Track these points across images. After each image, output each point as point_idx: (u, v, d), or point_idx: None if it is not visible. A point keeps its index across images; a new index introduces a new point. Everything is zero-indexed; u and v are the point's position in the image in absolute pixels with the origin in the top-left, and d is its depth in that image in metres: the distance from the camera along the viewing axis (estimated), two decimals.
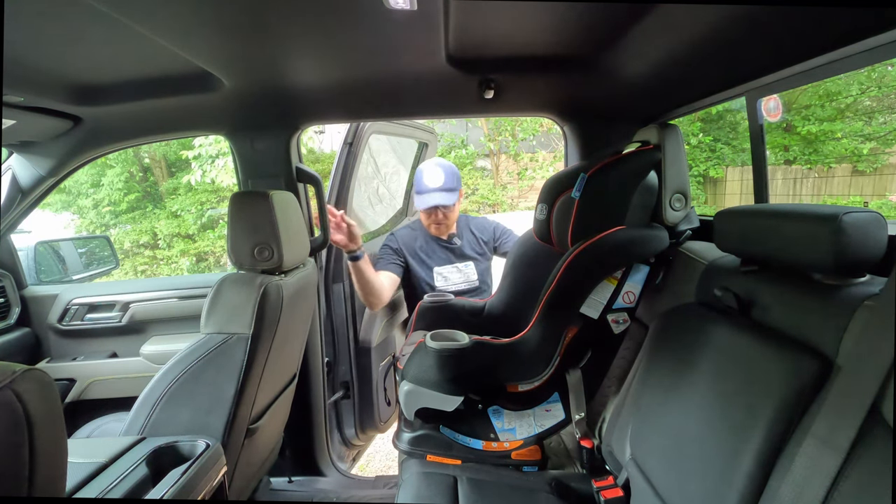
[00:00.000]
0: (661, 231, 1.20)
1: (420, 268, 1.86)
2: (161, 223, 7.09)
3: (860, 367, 0.60)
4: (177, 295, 1.72)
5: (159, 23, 0.87)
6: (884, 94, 5.58)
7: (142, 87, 1.22)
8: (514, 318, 1.58)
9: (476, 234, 1.95)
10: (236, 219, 1.20)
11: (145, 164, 7.64)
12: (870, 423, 0.56)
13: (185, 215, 6.99)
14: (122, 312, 1.70)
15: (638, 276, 1.23)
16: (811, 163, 5.98)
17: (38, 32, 0.89)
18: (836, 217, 0.69)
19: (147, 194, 7.59)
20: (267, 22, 0.91)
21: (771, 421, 0.70)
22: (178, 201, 7.01)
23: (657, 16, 0.86)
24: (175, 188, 7.22)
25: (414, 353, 1.23)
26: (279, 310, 1.19)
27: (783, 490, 0.63)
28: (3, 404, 0.45)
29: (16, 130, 1.29)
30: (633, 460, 1.03)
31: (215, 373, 1.09)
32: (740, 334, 0.85)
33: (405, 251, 1.87)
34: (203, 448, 0.97)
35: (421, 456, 1.24)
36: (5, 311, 1.61)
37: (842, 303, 0.70)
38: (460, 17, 0.93)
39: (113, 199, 7.16)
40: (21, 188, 1.51)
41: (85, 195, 7.23)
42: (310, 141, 6.17)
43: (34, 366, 0.50)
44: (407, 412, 1.23)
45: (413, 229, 1.93)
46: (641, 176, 1.19)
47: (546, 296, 1.20)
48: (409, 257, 1.87)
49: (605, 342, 1.28)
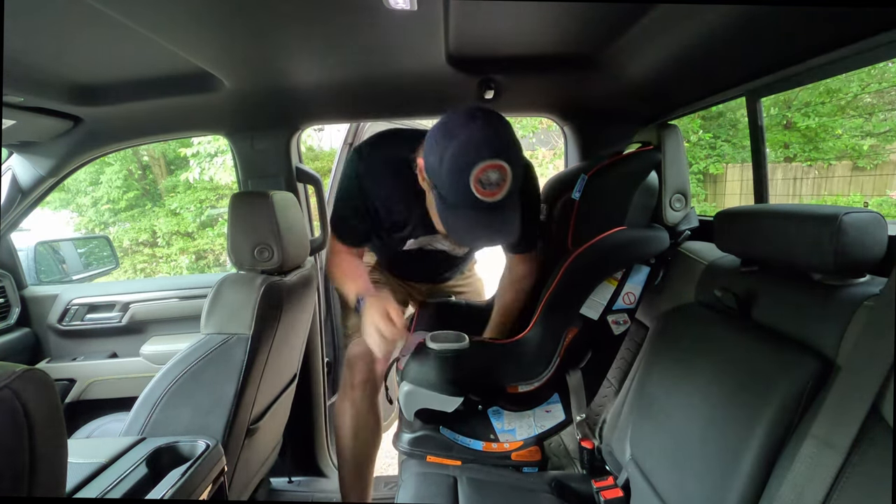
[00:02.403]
0: (662, 231, 1.20)
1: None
2: (160, 221, 7.07)
3: (860, 367, 0.60)
4: (177, 295, 1.72)
5: (159, 23, 0.87)
6: (884, 90, 5.58)
7: (142, 87, 1.22)
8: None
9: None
10: (236, 219, 1.20)
11: (144, 162, 7.63)
12: (870, 423, 0.56)
13: (184, 213, 6.98)
14: (122, 312, 1.70)
15: (638, 276, 1.23)
16: (811, 160, 5.98)
17: (38, 32, 0.89)
18: (836, 217, 0.69)
19: (146, 192, 7.57)
20: (267, 22, 0.91)
21: (771, 421, 0.70)
22: (178, 199, 7.00)
23: (657, 16, 0.86)
24: (174, 186, 7.21)
25: (414, 353, 1.23)
26: (279, 310, 1.19)
27: (783, 490, 0.63)
28: (3, 404, 0.45)
29: (16, 130, 1.29)
30: (633, 460, 1.03)
31: (215, 373, 1.09)
32: (740, 335, 0.85)
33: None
34: (203, 448, 0.97)
35: (421, 457, 1.24)
36: (5, 311, 1.60)
37: (842, 303, 0.70)
38: (460, 18, 0.93)
39: (112, 196, 7.14)
40: (21, 188, 1.51)
41: (84, 193, 7.21)
42: (309, 139, 6.16)
43: (34, 366, 0.50)
44: (407, 413, 1.23)
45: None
46: (642, 177, 1.19)
47: (546, 296, 1.20)
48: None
49: (605, 343, 1.28)
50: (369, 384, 1.35)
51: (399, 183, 1.15)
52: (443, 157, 0.94)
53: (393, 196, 1.19)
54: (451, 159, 0.93)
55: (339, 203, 1.24)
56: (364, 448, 1.40)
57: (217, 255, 7.07)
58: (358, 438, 1.37)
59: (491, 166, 0.92)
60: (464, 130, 0.94)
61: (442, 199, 0.99)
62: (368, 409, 1.37)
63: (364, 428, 1.37)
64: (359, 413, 1.36)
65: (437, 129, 0.99)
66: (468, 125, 0.94)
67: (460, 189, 0.94)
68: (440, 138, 0.97)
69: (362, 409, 1.36)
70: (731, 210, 0.99)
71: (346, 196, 1.21)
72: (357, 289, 1.18)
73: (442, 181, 0.96)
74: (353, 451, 1.38)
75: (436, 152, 0.96)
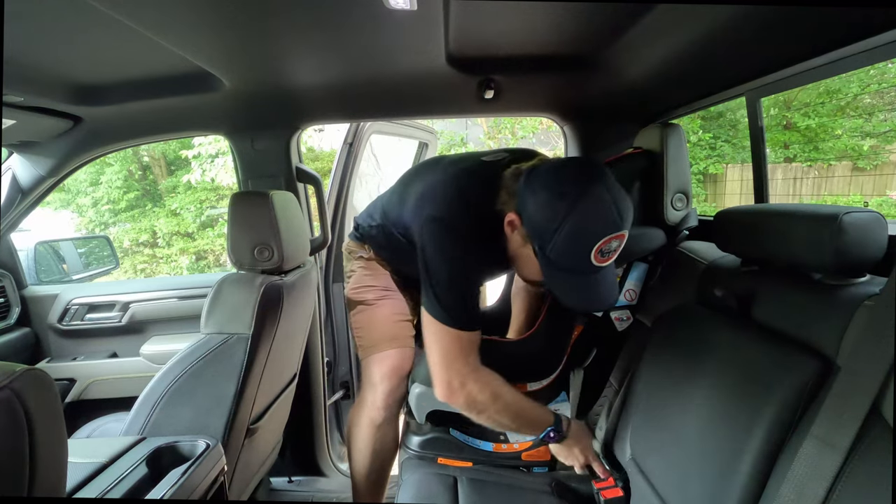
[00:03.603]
0: (656, 230, 1.23)
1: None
2: (160, 221, 7.07)
3: (860, 367, 0.60)
4: (177, 295, 1.72)
5: (159, 23, 0.87)
6: (884, 90, 5.58)
7: (142, 87, 1.22)
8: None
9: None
10: (236, 219, 1.20)
11: (144, 163, 7.63)
12: (870, 423, 0.57)
13: (184, 214, 6.98)
14: (122, 312, 1.70)
15: (637, 272, 1.27)
16: (811, 160, 5.98)
17: (38, 32, 0.89)
18: (836, 217, 0.69)
19: (146, 193, 7.57)
20: (267, 22, 0.91)
21: (771, 421, 0.70)
22: (178, 199, 7.00)
23: (657, 16, 0.86)
24: (174, 186, 7.21)
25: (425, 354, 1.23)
26: (279, 310, 1.19)
27: (783, 490, 0.63)
28: (3, 404, 0.45)
29: (16, 130, 1.29)
30: (633, 460, 1.03)
31: (215, 373, 1.09)
32: (740, 334, 0.85)
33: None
34: (203, 448, 0.97)
35: (432, 459, 1.24)
36: (5, 311, 1.60)
37: (842, 303, 0.70)
38: (460, 17, 0.92)
39: (112, 197, 7.14)
40: (21, 188, 1.51)
41: (84, 193, 7.21)
42: (309, 139, 6.16)
43: (34, 366, 0.50)
44: (418, 415, 1.22)
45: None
46: (635, 179, 1.23)
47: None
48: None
49: (608, 341, 1.29)
50: (395, 405, 1.29)
51: (494, 241, 1.04)
52: (560, 223, 0.88)
53: (489, 257, 1.09)
54: (574, 229, 0.88)
55: (455, 291, 1.02)
56: (383, 464, 1.34)
57: (217, 255, 7.06)
58: (377, 457, 1.31)
59: (616, 237, 0.90)
60: (587, 198, 0.88)
61: (548, 259, 0.93)
62: (389, 426, 1.31)
63: (383, 447, 1.31)
64: (382, 434, 1.30)
65: (541, 185, 0.93)
66: (589, 190, 0.89)
67: (578, 257, 0.90)
68: (552, 199, 0.90)
69: (385, 429, 1.30)
70: (731, 210, 0.99)
71: (459, 278, 1.02)
72: (545, 419, 1.09)
73: (556, 246, 0.90)
74: (370, 469, 1.32)
75: (546, 214, 0.90)
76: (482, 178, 1.06)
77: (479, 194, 1.03)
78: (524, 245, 0.99)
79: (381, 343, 1.27)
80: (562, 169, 0.94)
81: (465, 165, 1.11)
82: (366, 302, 1.30)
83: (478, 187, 1.05)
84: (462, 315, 1.02)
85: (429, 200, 1.06)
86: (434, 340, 1.03)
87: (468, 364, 1.02)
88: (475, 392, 1.02)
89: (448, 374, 1.02)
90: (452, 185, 1.06)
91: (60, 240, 2.13)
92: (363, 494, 1.35)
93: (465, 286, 1.03)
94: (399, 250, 1.24)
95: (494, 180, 1.03)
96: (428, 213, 1.04)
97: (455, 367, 1.02)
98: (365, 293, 1.31)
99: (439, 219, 1.02)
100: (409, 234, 1.13)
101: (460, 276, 1.02)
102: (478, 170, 1.09)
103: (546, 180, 0.93)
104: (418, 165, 1.31)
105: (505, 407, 1.04)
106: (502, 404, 1.04)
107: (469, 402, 1.03)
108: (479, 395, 1.02)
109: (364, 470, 1.32)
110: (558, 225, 0.89)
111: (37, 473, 0.47)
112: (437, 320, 1.01)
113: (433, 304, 1.02)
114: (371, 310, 1.30)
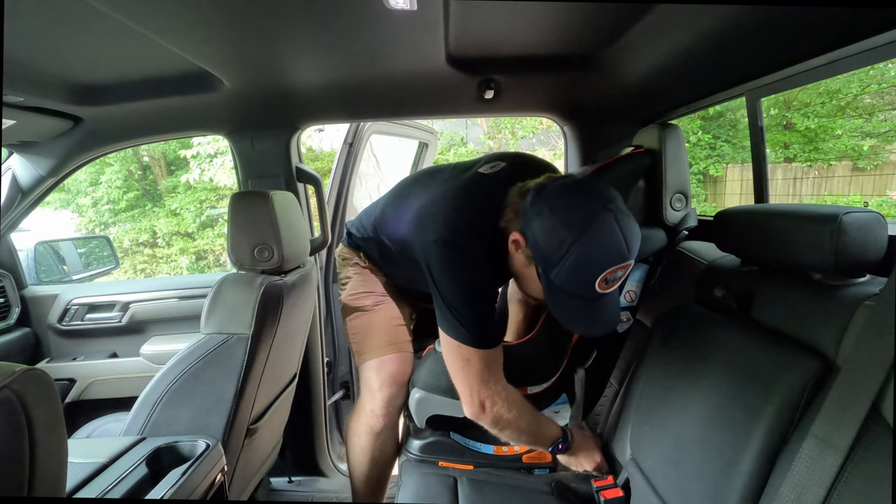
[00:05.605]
0: (657, 230, 1.22)
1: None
2: (160, 221, 7.08)
3: (860, 367, 0.60)
4: (177, 295, 1.72)
5: (159, 23, 0.87)
6: (884, 90, 5.58)
7: (142, 87, 1.22)
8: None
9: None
10: (236, 219, 1.20)
11: (144, 163, 7.63)
12: (870, 423, 0.57)
13: (184, 214, 6.99)
14: (122, 312, 1.70)
15: (637, 274, 1.26)
16: (811, 160, 5.98)
17: (38, 32, 0.89)
18: (836, 217, 0.69)
19: (146, 192, 7.58)
20: (267, 22, 0.91)
21: (771, 421, 0.70)
22: (178, 199, 7.01)
23: (657, 16, 0.86)
24: (174, 186, 7.22)
25: (424, 359, 1.23)
26: (279, 310, 1.19)
27: (783, 490, 0.63)
28: (3, 404, 0.45)
29: (16, 130, 1.29)
30: (633, 460, 1.03)
31: (215, 373, 1.09)
32: (740, 334, 0.85)
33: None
34: (203, 448, 0.97)
35: (433, 463, 1.23)
36: (5, 311, 1.60)
37: (842, 303, 0.70)
38: (460, 18, 0.93)
39: (112, 197, 7.15)
40: (21, 188, 1.50)
41: (84, 193, 7.22)
42: (309, 139, 6.15)
43: (34, 366, 0.50)
44: (419, 420, 1.22)
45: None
46: (635, 179, 1.22)
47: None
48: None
49: (609, 341, 1.29)
50: (396, 412, 1.28)
51: (499, 257, 1.04)
52: (567, 251, 0.88)
53: (495, 273, 1.07)
54: (580, 259, 0.88)
55: (472, 311, 1.01)
56: (383, 471, 1.34)
57: (217, 255, 7.06)
58: (376, 464, 1.31)
59: (622, 267, 0.89)
60: (595, 228, 0.87)
61: (551, 283, 0.93)
62: (389, 433, 1.30)
63: (383, 455, 1.31)
64: (382, 442, 1.29)
65: (548, 209, 0.91)
66: (598, 219, 0.87)
67: (583, 285, 0.90)
68: (559, 227, 0.89)
69: (385, 436, 1.29)
70: (731, 210, 0.99)
71: (473, 298, 1.02)
72: (554, 433, 1.12)
73: (560, 273, 0.90)
74: (369, 475, 1.32)
75: (552, 240, 0.90)
76: (483, 194, 1.05)
77: (482, 213, 1.03)
78: (528, 265, 0.98)
79: (380, 348, 1.27)
80: (570, 194, 0.93)
81: (464, 181, 1.10)
82: (363, 308, 1.31)
83: (479, 205, 1.04)
84: (482, 333, 1.03)
85: (430, 222, 1.05)
86: (459, 363, 1.04)
87: (498, 381, 1.05)
88: (504, 411, 1.05)
89: (480, 395, 1.04)
90: (452, 206, 1.05)
91: (60, 240, 2.13)
92: (363, 499, 1.35)
93: (480, 305, 1.03)
94: (393, 262, 1.24)
95: (496, 196, 1.02)
96: (432, 236, 1.02)
97: (487, 386, 1.04)
98: (363, 299, 1.31)
99: (443, 242, 1.01)
100: (408, 251, 1.12)
101: (474, 296, 1.02)
102: (478, 185, 1.08)
103: (554, 205, 0.91)
104: (411, 179, 1.28)
105: (527, 424, 1.08)
106: (525, 422, 1.07)
107: (496, 420, 1.06)
108: (506, 414, 1.05)
109: (363, 476, 1.32)
110: (564, 253, 0.88)
111: (37, 473, 0.47)
112: (460, 342, 1.02)
113: (453, 326, 1.02)
114: (368, 315, 1.30)
